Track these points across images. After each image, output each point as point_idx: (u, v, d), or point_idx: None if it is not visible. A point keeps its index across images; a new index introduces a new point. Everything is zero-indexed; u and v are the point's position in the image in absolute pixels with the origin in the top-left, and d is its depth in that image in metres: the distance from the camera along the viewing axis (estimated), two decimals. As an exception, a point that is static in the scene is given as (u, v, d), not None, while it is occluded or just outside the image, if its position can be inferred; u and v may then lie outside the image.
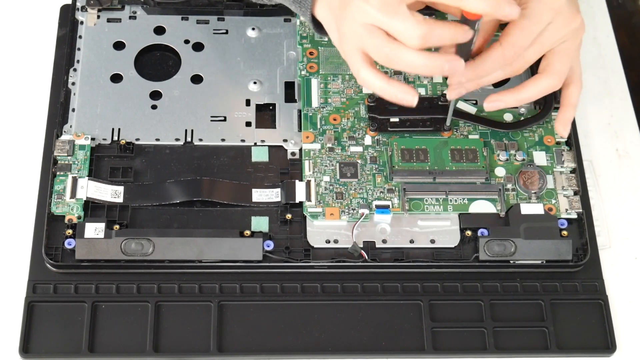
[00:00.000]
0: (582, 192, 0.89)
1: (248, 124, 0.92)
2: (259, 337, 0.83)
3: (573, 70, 0.86)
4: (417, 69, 0.77)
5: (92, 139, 0.90)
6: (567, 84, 0.86)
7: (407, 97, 0.79)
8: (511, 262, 0.86)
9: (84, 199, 0.86)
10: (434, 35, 0.75)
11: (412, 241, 0.87)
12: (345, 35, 0.79)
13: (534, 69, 0.86)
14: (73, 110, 0.91)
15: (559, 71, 0.82)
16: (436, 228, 0.87)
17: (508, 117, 0.93)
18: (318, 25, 0.83)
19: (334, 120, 0.92)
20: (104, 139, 0.90)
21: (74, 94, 0.92)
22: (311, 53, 0.95)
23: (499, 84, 0.90)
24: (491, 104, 0.84)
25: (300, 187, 0.88)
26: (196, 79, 0.94)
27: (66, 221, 0.85)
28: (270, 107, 0.94)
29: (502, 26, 0.81)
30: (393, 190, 0.88)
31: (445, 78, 0.94)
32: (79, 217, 0.86)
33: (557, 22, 0.80)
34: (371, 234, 0.87)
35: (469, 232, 0.87)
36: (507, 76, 0.82)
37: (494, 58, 0.79)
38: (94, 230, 0.84)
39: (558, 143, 0.92)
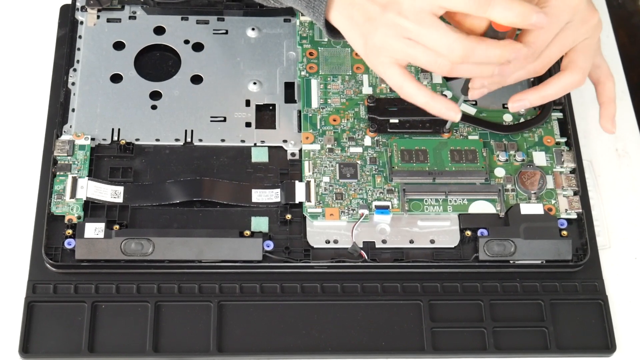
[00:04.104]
0: (582, 192, 0.89)
1: (248, 124, 0.92)
2: (259, 337, 0.83)
3: (601, 67, 0.86)
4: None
5: (92, 139, 0.90)
6: (602, 81, 0.86)
7: (451, 113, 0.79)
8: (511, 262, 0.86)
9: (84, 199, 0.86)
10: (477, 53, 0.75)
11: (411, 241, 0.87)
12: (378, 49, 0.78)
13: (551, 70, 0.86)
14: (73, 110, 0.91)
15: (582, 67, 0.82)
16: (436, 228, 0.87)
17: (507, 119, 0.93)
18: (332, 30, 0.83)
19: (334, 121, 0.92)
20: (104, 139, 0.90)
21: (74, 94, 0.92)
22: (311, 53, 0.95)
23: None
24: (516, 104, 0.84)
25: (300, 188, 0.88)
26: (196, 79, 0.94)
27: (66, 221, 0.85)
28: (270, 108, 0.94)
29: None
30: (393, 190, 0.88)
31: (446, 78, 0.95)
32: (79, 217, 0.86)
33: (575, 21, 0.80)
34: (371, 234, 0.87)
35: (468, 232, 0.87)
36: (529, 76, 0.82)
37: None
38: (94, 230, 0.84)
39: (558, 143, 0.92)
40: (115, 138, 0.90)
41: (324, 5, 0.80)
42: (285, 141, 0.92)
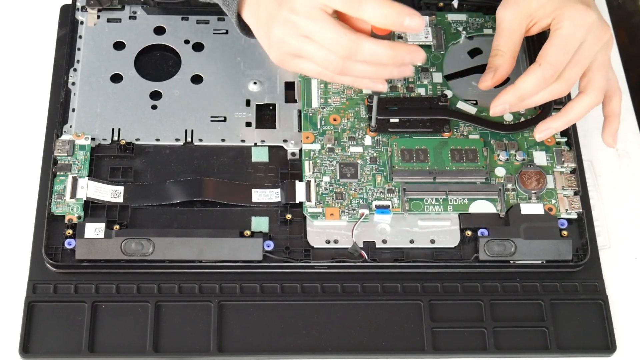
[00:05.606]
0: (582, 192, 0.89)
1: (248, 124, 0.92)
2: (259, 337, 0.83)
3: (611, 81, 0.88)
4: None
5: (92, 139, 0.90)
6: (608, 95, 0.88)
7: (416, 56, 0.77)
8: (511, 262, 0.86)
9: (84, 199, 0.86)
10: (364, 48, 0.75)
11: (412, 241, 0.87)
12: (277, 46, 0.79)
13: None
14: (73, 110, 0.91)
15: (599, 87, 0.85)
16: (436, 228, 0.87)
17: (508, 118, 0.93)
18: (245, 28, 0.84)
19: (334, 120, 0.92)
20: (104, 139, 0.90)
21: (74, 94, 0.92)
22: (311, 53, 0.95)
23: (500, 85, 0.90)
24: (542, 134, 0.88)
25: (300, 188, 0.88)
26: (196, 79, 0.94)
27: (66, 221, 0.85)
28: (270, 108, 0.94)
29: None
30: (393, 190, 0.88)
31: (446, 77, 0.95)
32: (79, 217, 0.86)
33: (590, 39, 0.82)
34: (371, 234, 0.87)
35: (469, 232, 0.87)
36: (553, 98, 0.85)
37: (534, 79, 0.82)
38: (94, 230, 0.84)
39: (558, 143, 0.92)
40: (116, 138, 0.90)
41: (236, 4, 0.82)
42: (285, 141, 0.92)
